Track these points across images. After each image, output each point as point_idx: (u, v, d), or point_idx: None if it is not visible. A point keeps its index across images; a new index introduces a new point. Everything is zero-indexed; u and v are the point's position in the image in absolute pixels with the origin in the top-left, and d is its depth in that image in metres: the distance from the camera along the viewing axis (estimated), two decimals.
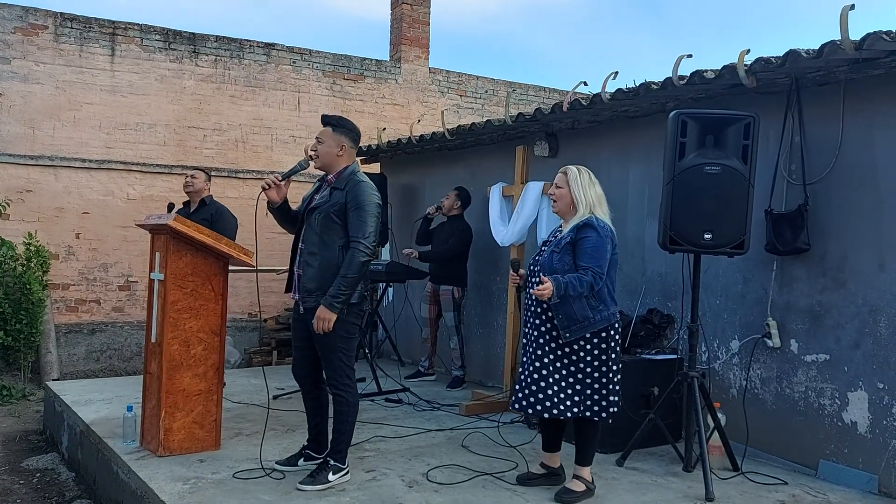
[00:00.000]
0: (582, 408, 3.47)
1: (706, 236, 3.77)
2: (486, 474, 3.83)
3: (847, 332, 3.93)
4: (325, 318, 3.46)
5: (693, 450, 3.98)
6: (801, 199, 4.05)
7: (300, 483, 3.55)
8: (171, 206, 5.84)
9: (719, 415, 4.03)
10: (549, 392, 3.45)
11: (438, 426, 4.83)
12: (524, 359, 3.63)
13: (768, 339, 4.23)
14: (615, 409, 3.54)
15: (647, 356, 4.56)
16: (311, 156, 3.74)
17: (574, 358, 3.46)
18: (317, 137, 3.72)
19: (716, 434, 4.00)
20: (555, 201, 3.64)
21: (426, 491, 3.59)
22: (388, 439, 4.48)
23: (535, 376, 3.50)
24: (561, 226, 3.69)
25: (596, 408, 3.48)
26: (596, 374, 3.47)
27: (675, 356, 4.60)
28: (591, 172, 3.63)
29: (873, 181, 3.85)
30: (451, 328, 6.19)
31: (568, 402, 3.45)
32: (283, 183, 3.65)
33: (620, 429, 4.22)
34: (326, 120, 3.73)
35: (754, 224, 3.88)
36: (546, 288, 3.27)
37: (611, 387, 3.51)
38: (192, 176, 5.77)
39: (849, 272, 3.93)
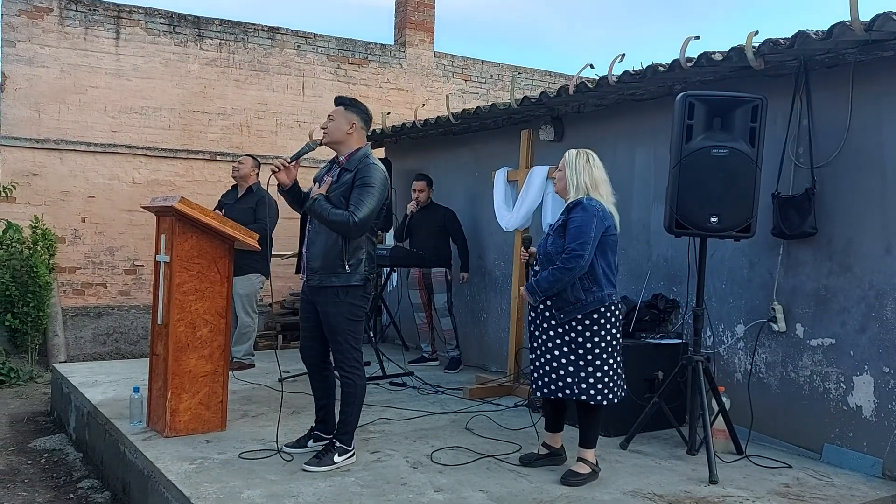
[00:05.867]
0: (577, 390, 3.48)
1: (713, 220, 3.76)
2: (490, 456, 3.85)
3: (853, 316, 3.92)
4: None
5: (697, 433, 3.98)
6: (809, 183, 4.03)
7: (305, 464, 3.57)
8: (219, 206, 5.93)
9: (724, 399, 4.03)
10: (545, 370, 3.54)
11: (443, 409, 4.85)
12: (528, 337, 3.71)
13: (774, 323, 4.22)
14: (615, 399, 3.53)
15: (652, 340, 4.56)
16: (319, 137, 3.74)
17: (567, 339, 3.50)
18: (329, 115, 3.72)
19: (720, 418, 4.00)
20: (556, 183, 3.74)
21: (430, 472, 3.61)
22: (392, 421, 4.50)
23: (532, 357, 3.62)
24: None
25: (592, 391, 3.47)
26: (589, 357, 3.47)
27: (679, 340, 4.60)
28: (592, 155, 3.64)
29: (881, 165, 3.82)
30: (443, 309, 6.23)
31: (560, 383, 3.50)
32: (291, 165, 3.64)
33: (624, 412, 4.22)
34: (339, 100, 3.76)
35: (761, 208, 3.86)
36: (523, 295, 3.62)
37: (610, 372, 3.49)
38: (239, 161, 6.01)
39: (855, 256, 3.92)
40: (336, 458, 3.59)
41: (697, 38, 4.27)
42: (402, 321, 7.19)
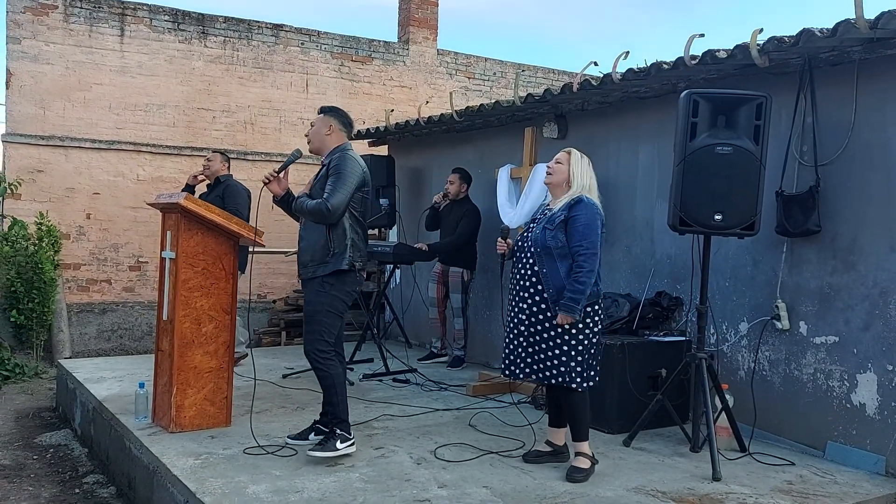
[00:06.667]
0: (567, 378, 3.54)
1: (716, 217, 3.76)
2: (494, 452, 3.86)
3: (857, 313, 3.92)
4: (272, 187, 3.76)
5: (700, 431, 3.99)
6: (813, 181, 4.03)
7: (310, 450, 3.63)
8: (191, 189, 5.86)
9: (727, 396, 4.03)
10: (533, 358, 3.60)
11: (446, 406, 4.86)
12: (509, 324, 3.73)
13: (777, 321, 4.23)
14: (591, 384, 3.60)
15: (656, 338, 4.56)
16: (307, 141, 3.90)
17: (559, 329, 3.54)
18: (310, 123, 3.94)
19: (723, 415, 4.00)
20: (550, 173, 3.70)
21: (434, 468, 3.63)
22: (396, 418, 4.52)
23: (514, 344, 3.67)
24: (549, 203, 3.75)
25: (568, 378, 3.54)
26: (568, 348, 3.54)
27: (683, 338, 4.60)
28: (591, 162, 3.73)
29: (885, 162, 3.82)
30: (457, 309, 6.22)
31: (548, 372, 3.57)
32: (281, 175, 3.79)
33: (628, 410, 4.24)
34: (320, 109, 3.97)
35: (765, 206, 3.86)
36: (565, 320, 3.48)
37: (592, 361, 3.60)
38: (207, 159, 5.95)
39: (859, 254, 3.92)
40: (339, 445, 3.65)
41: (702, 35, 4.27)
42: (406, 318, 7.20)
